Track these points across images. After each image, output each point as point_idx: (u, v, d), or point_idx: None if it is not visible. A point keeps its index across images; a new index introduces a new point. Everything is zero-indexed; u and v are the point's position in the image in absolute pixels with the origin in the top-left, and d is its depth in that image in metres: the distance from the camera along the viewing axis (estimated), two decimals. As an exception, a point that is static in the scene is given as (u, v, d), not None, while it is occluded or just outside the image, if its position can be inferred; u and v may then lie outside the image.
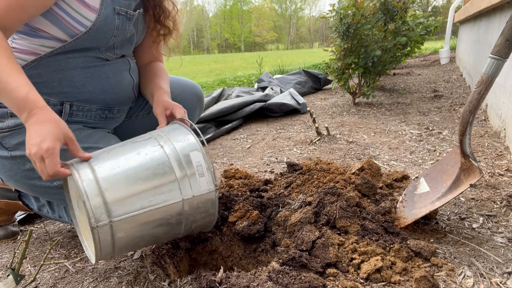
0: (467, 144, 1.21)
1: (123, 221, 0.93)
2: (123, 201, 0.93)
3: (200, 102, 1.62)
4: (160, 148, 1.02)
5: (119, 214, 0.92)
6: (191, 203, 1.01)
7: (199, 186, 1.00)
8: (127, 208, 0.93)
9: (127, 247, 1.01)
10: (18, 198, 1.41)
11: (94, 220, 0.90)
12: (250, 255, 1.31)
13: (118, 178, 0.94)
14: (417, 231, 1.22)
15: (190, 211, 1.02)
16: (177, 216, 1.01)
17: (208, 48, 70.25)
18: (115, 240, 0.94)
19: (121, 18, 1.17)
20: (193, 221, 1.05)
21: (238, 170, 1.78)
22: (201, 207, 1.03)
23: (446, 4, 34.94)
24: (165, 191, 0.97)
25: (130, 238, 0.97)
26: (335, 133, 2.51)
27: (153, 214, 0.96)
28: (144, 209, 0.94)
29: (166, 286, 1.06)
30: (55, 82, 1.15)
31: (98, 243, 0.92)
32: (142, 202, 0.94)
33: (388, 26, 3.08)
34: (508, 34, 1.09)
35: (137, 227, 0.96)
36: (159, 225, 0.99)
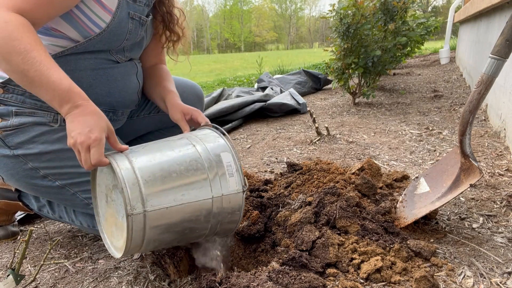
0: (467, 144, 1.21)
1: (156, 212, 0.95)
2: (157, 192, 0.95)
3: (200, 102, 1.63)
4: (192, 147, 1.05)
5: (153, 204, 0.94)
6: (220, 202, 1.03)
7: (229, 186, 1.03)
8: (161, 200, 0.96)
9: (155, 242, 1.02)
10: (18, 198, 1.41)
11: (130, 207, 0.92)
12: (250, 255, 1.31)
13: (154, 170, 0.97)
14: (417, 231, 1.22)
15: (218, 211, 1.03)
16: (206, 214, 1.02)
17: (208, 48, 70.27)
18: (146, 231, 0.96)
19: (134, 23, 1.20)
20: (219, 222, 1.06)
21: (238, 170, 1.78)
22: (228, 207, 1.04)
23: (446, 4, 34.95)
24: (197, 187, 1.00)
25: (159, 231, 0.99)
26: (335, 133, 2.51)
27: (184, 209, 0.99)
28: (177, 202, 0.97)
29: (166, 286, 1.06)
30: None
31: (130, 231, 0.94)
32: (175, 195, 0.97)
33: (388, 26, 3.08)
34: (508, 34, 1.09)
35: (168, 220, 0.98)
36: (188, 221, 1.01)
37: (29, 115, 1.13)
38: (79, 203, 1.21)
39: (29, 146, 1.12)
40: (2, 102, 1.12)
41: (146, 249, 1.04)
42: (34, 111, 1.13)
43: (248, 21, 72.75)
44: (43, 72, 0.94)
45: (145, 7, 1.23)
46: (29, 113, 1.13)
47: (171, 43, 1.43)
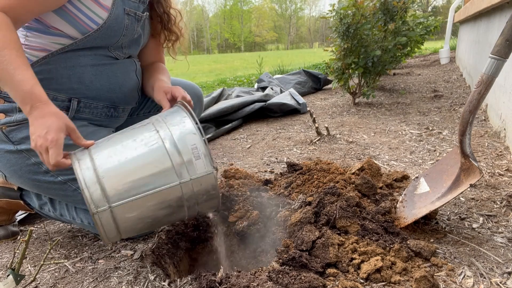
0: (467, 144, 1.21)
1: (123, 206, 0.96)
2: (120, 187, 0.96)
3: (199, 102, 1.64)
4: (155, 133, 1.03)
5: (117, 199, 0.96)
6: (189, 186, 1.01)
7: (196, 169, 1.00)
8: (125, 194, 0.96)
9: (133, 230, 1.05)
10: (20, 197, 1.41)
11: (94, 206, 0.95)
12: (250, 255, 1.31)
13: (115, 166, 0.98)
14: (417, 231, 1.22)
15: (190, 194, 1.02)
16: (177, 200, 1.02)
17: (208, 48, 70.26)
18: (118, 224, 0.99)
19: (130, 19, 1.22)
20: (196, 203, 1.05)
21: (238, 170, 1.78)
22: (201, 190, 1.03)
23: (446, 4, 34.94)
24: (161, 175, 0.99)
25: (133, 221, 1.01)
26: (335, 133, 2.51)
27: (152, 199, 0.99)
28: (142, 194, 0.97)
29: (166, 286, 1.06)
30: (65, 78, 1.18)
31: (101, 227, 0.97)
32: (139, 187, 0.97)
33: (388, 26, 3.08)
34: (508, 34, 1.09)
35: (138, 211, 0.99)
36: (161, 208, 1.01)
37: None
38: (80, 199, 1.23)
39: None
40: (5, 99, 1.16)
41: (129, 235, 1.08)
42: None
43: (248, 21, 72.74)
44: (9, 71, 0.95)
45: (140, 4, 1.26)
46: None
47: (170, 43, 1.46)
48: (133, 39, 1.30)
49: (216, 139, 2.71)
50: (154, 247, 1.27)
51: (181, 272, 1.29)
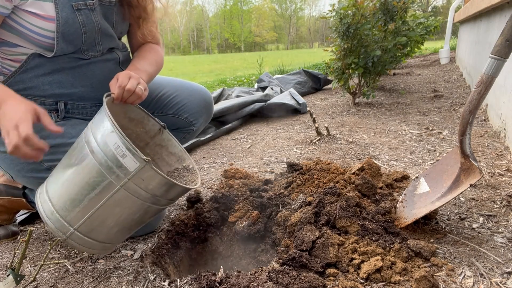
0: (467, 144, 1.21)
1: (85, 225, 1.02)
2: (73, 210, 1.01)
3: (207, 109, 1.57)
4: (85, 146, 1.02)
5: (77, 221, 1.01)
6: (133, 186, 0.99)
7: (128, 168, 0.97)
8: (80, 214, 1.01)
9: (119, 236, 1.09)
10: (23, 195, 1.42)
11: (61, 234, 1.01)
12: (250, 255, 1.31)
13: (61, 193, 1.02)
14: (417, 231, 1.22)
15: (139, 192, 1.01)
16: (131, 201, 1.02)
17: (208, 48, 70.26)
18: (94, 238, 1.04)
19: (83, 13, 1.15)
20: (155, 196, 1.03)
21: (238, 170, 1.78)
22: (148, 183, 1.00)
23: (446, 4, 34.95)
24: (101, 187, 0.99)
25: (108, 231, 1.05)
26: (335, 133, 2.51)
27: (105, 208, 1.01)
28: (94, 209, 1.00)
29: (166, 286, 1.06)
30: (46, 85, 1.19)
31: (82, 247, 1.04)
32: (88, 205, 1.00)
33: (388, 26, 3.08)
34: (508, 34, 1.09)
35: (103, 222, 1.03)
36: (123, 213, 1.04)
37: None
38: None
39: None
40: None
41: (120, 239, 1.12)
42: None
43: (248, 21, 72.74)
44: None
45: None
46: None
47: (141, 21, 1.35)
48: (102, 32, 1.23)
49: (216, 139, 2.71)
50: (154, 247, 1.26)
51: (181, 272, 1.29)
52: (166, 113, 1.51)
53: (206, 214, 1.41)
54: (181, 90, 1.51)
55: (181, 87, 1.52)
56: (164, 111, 1.50)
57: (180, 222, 1.40)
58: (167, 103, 1.50)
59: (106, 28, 1.26)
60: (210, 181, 1.85)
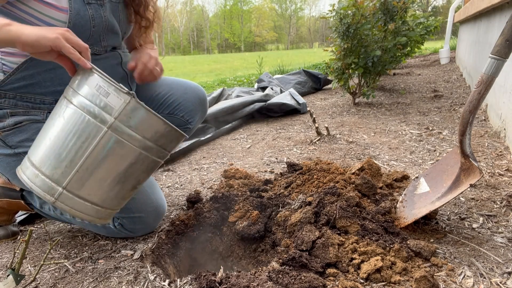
0: (467, 144, 1.21)
1: (74, 180, 0.95)
2: (60, 167, 0.95)
3: (202, 106, 1.59)
4: (64, 99, 0.99)
5: (65, 178, 0.94)
6: (120, 127, 0.94)
7: (112, 106, 0.93)
8: (68, 169, 0.94)
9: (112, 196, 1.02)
10: (21, 197, 1.41)
11: (49, 196, 0.94)
12: (250, 255, 1.31)
13: (46, 152, 0.96)
14: (417, 231, 1.22)
15: (129, 134, 0.96)
16: (121, 146, 0.96)
17: (208, 48, 70.26)
18: (85, 198, 0.97)
19: (93, 7, 1.17)
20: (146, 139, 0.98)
21: (238, 170, 1.78)
22: (137, 123, 0.95)
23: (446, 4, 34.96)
24: (87, 133, 0.94)
25: (99, 188, 0.98)
26: (335, 133, 2.51)
27: (94, 157, 0.95)
28: (82, 159, 0.95)
29: (166, 286, 1.06)
30: (48, 81, 1.18)
31: (72, 210, 0.97)
32: (75, 157, 0.95)
33: (388, 26, 3.08)
34: (508, 34, 1.09)
35: (93, 176, 0.96)
36: (114, 162, 0.97)
37: (23, 114, 1.17)
38: None
39: (29, 144, 1.16)
40: None
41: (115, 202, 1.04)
42: (27, 110, 1.18)
43: (248, 21, 72.76)
44: None
45: None
46: (23, 112, 1.18)
47: (144, 29, 1.39)
48: (109, 28, 1.25)
49: (216, 139, 2.71)
50: (154, 247, 1.27)
51: (181, 272, 1.29)
52: (162, 113, 1.51)
53: (206, 214, 1.41)
54: (175, 89, 1.51)
55: (175, 85, 1.53)
56: (159, 111, 1.50)
57: (180, 222, 1.40)
58: (163, 102, 1.50)
59: (113, 25, 1.27)
60: (210, 181, 1.85)
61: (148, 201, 1.30)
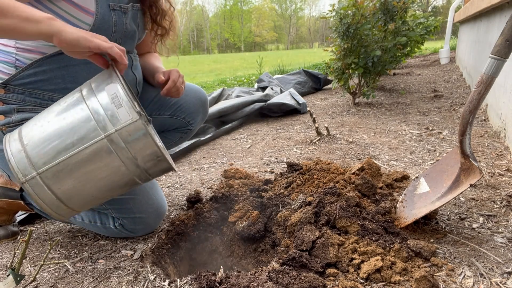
0: (467, 144, 1.21)
1: (50, 170, 0.93)
2: (45, 152, 0.93)
3: (203, 108, 1.60)
4: (78, 92, 0.99)
5: (43, 165, 0.93)
6: (117, 139, 0.94)
7: (119, 118, 0.93)
8: (51, 158, 0.93)
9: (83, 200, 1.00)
10: (20, 197, 1.41)
11: (21, 175, 0.92)
12: (250, 255, 1.31)
13: (39, 132, 0.96)
14: (417, 231, 1.22)
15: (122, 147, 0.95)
16: (110, 157, 0.95)
17: (208, 48, 70.25)
18: (54, 191, 0.95)
19: (116, 14, 1.20)
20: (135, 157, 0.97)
21: (238, 170, 1.78)
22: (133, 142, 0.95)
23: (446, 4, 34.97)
24: (83, 132, 0.94)
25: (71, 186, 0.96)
26: (335, 133, 2.51)
27: (80, 159, 0.94)
28: (68, 153, 0.93)
29: (166, 286, 1.06)
30: (59, 78, 1.18)
31: (36, 196, 0.95)
32: (63, 149, 0.94)
33: (388, 26, 3.08)
34: (508, 34, 1.09)
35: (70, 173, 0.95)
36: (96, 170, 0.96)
37: (30, 111, 1.17)
38: None
39: None
40: (4, 101, 1.16)
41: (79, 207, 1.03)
42: (34, 107, 1.18)
43: (248, 21, 72.76)
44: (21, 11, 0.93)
45: None
46: (29, 109, 1.17)
47: (159, 37, 1.42)
48: (128, 35, 1.28)
49: (216, 139, 2.71)
50: (154, 247, 1.27)
51: (181, 272, 1.29)
52: (164, 114, 1.51)
53: (206, 214, 1.41)
54: None
55: None
56: (161, 112, 1.51)
57: (180, 222, 1.40)
58: (164, 104, 1.51)
59: (132, 32, 1.30)
60: (210, 181, 1.85)
61: (149, 202, 1.30)
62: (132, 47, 1.36)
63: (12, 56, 1.15)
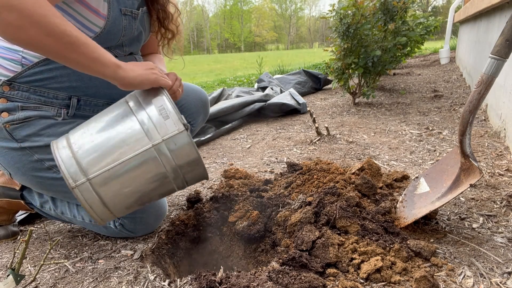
0: (467, 144, 1.21)
1: (100, 176, 0.99)
2: (95, 159, 0.99)
3: (204, 108, 1.61)
4: (125, 103, 1.07)
5: (94, 171, 0.98)
6: (164, 148, 1.01)
7: (166, 129, 1.00)
8: (101, 164, 0.99)
9: (123, 206, 1.06)
10: (21, 196, 1.41)
11: (71, 180, 0.98)
12: (250, 255, 1.31)
13: (88, 140, 1.02)
14: (417, 231, 1.22)
15: (168, 156, 1.02)
16: (154, 163, 1.02)
17: (208, 48, 70.24)
18: (102, 197, 1.01)
19: (127, 18, 1.22)
20: (178, 166, 1.04)
21: (238, 170, 1.78)
22: (177, 149, 1.02)
23: (446, 4, 34.97)
24: (132, 140, 1.00)
25: (117, 194, 1.02)
26: (335, 133, 2.51)
27: (128, 166, 1.00)
28: (117, 161, 0.99)
29: (166, 286, 1.06)
30: (65, 77, 1.19)
31: (85, 202, 1.00)
32: (113, 156, 1.00)
33: (388, 26, 3.08)
34: (508, 34, 1.09)
35: (118, 181, 1.01)
36: (142, 177, 1.02)
37: (34, 109, 1.18)
38: None
39: (36, 139, 1.17)
40: (8, 98, 1.16)
41: (119, 212, 1.08)
42: (39, 105, 1.18)
43: (248, 21, 72.76)
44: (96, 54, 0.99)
45: (135, 0, 1.25)
46: (34, 107, 1.18)
47: (166, 40, 1.46)
48: (134, 37, 1.30)
49: (216, 139, 2.71)
50: (154, 247, 1.27)
51: (181, 272, 1.29)
52: None
53: (206, 214, 1.41)
54: None
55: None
56: None
57: (180, 222, 1.40)
58: None
59: (139, 35, 1.33)
60: (210, 181, 1.85)
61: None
62: (137, 49, 1.38)
63: (19, 54, 1.15)
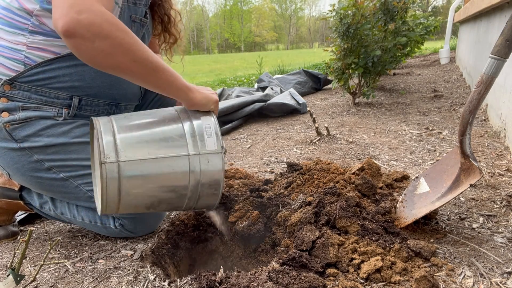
0: (467, 144, 1.21)
1: (130, 163, 0.99)
2: (132, 144, 1.01)
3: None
4: (174, 110, 1.13)
5: (127, 155, 0.99)
6: (197, 161, 1.04)
7: (206, 145, 1.05)
8: (135, 152, 1.00)
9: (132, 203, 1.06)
10: (20, 197, 1.41)
11: (104, 156, 0.97)
12: (250, 255, 1.31)
13: (131, 125, 1.05)
14: (417, 231, 1.22)
15: (196, 170, 1.05)
16: (183, 172, 1.04)
17: (208, 48, 70.25)
18: (121, 181, 1.00)
19: (136, 25, 1.24)
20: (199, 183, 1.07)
21: (238, 170, 1.78)
22: (208, 168, 1.06)
23: (446, 4, 34.97)
24: (173, 144, 1.04)
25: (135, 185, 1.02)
26: (335, 133, 2.51)
27: (160, 163, 1.02)
28: (151, 155, 1.01)
29: (166, 286, 1.06)
30: (67, 76, 1.19)
31: (104, 180, 0.99)
32: (150, 149, 1.01)
33: (388, 26, 3.08)
34: (508, 34, 1.09)
35: (143, 173, 1.01)
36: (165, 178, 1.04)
37: (35, 109, 1.17)
38: (82, 196, 1.24)
39: (35, 139, 1.17)
40: (9, 98, 1.16)
41: (125, 208, 1.07)
42: (40, 106, 1.18)
43: (248, 21, 72.76)
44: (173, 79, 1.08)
45: (144, 7, 1.26)
46: (35, 107, 1.17)
47: (168, 45, 1.48)
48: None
49: (216, 139, 2.71)
50: (154, 247, 1.26)
51: (181, 272, 1.29)
52: None
53: (206, 214, 1.41)
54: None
55: None
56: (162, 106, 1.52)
57: (180, 222, 1.40)
58: (165, 104, 1.52)
59: (144, 40, 1.33)
60: (210, 181, 1.85)
61: (149, 201, 1.31)
62: None
63: (22, 53, 1.14)
